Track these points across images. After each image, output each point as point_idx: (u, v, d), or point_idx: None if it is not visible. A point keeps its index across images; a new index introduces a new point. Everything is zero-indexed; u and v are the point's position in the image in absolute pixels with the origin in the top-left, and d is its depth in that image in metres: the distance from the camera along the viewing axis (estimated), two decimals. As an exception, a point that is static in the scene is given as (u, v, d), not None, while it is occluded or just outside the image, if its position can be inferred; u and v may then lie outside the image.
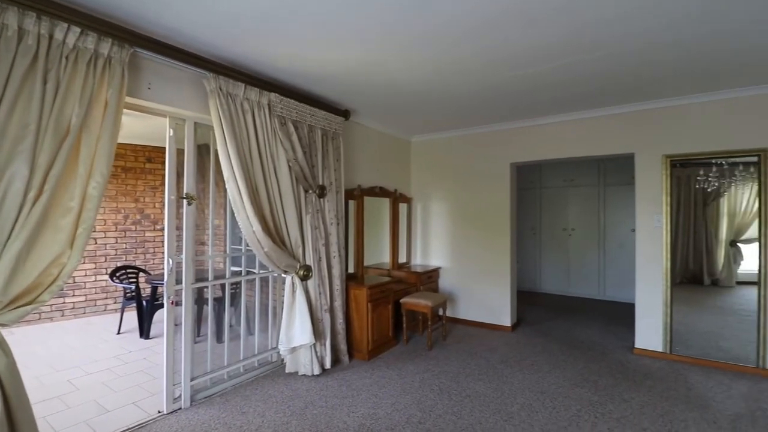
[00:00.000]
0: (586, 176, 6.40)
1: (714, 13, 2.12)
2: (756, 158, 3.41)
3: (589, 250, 6.36)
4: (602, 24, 2.22)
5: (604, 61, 2.76)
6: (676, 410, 2.70)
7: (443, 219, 5.08)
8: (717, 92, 3.44)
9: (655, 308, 3.76)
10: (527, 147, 4.49)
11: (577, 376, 3.28)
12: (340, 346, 3.54)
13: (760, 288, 3.37)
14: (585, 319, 5.02)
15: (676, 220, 4.66)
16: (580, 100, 3.68)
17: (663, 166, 3.74)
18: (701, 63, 2.80)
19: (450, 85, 3.25)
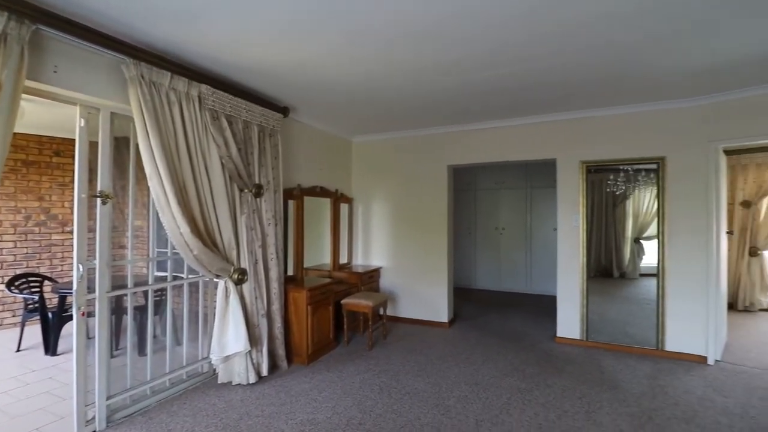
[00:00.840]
0: (516, 179, 6.85)
1: (618, 41, 2.37)
2: (655, 165, 3.88)
3: (518, 248, 6.82)
4: (522, 42, 2.38)
5: (527, 75, 2.97)
6: (592, 392, 2.99)
7: (384, 219, 5.13)
8: (624, 106, 3.86)
9: (574, 300, 4.13)
10: (463, 150, 4.69)
11: (508, 366, 3.50)
12: (278, 351, 3.42)
13: (659, 279, 3.84)
14: (515, 313, 5.37)
15: (591, 219, 5.17)
16: (510, 108, 3.92)
17: (580, 171, 4.12)
18: (610, 81, 3.13)
19: (387, 88, 3.29)
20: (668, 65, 2.83)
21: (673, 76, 3.07)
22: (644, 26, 2.25)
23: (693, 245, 3.67)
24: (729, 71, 2.94)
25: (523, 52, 2.57)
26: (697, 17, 2.15)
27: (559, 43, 2.43)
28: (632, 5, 2.03)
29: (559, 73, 2.98)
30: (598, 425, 2.52)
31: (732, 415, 2.64)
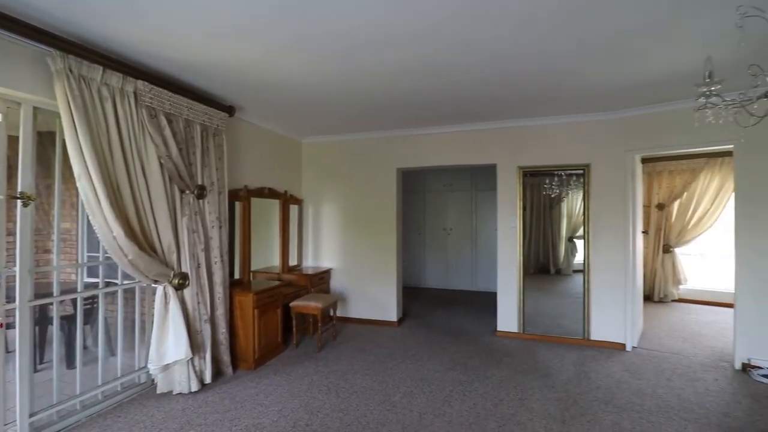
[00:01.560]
0: (462, 182, 7.17)
1: (548, 57, 2.61)
2: (582, 171, 4.26)
3: (464, 248, 7.13)
4: (452, 53, 2.55)
5: (469, 85, 3.16)
6: (526, 381, 3.23)
7: (335, 221, 5.15)
8: (555, 117, 4.20)
9: (512, 296, 4.42)
10: (412, 154, 4.84)
11: (451, 360, 3.67)
12: (222, 357, 3.33)
13: (585, 275, 4.22)
14: (461, 309, 5.62)
15: (530, 220, 5.57)
16: (453, 115, 4.12)
17: (517, 176, 4.42)
18: (542, 94, 3.41)
19: (338, 92, 3.33)
20: (592, 83, 3.14)
21: (596, 93, 3.40)
22: (569, 45, 2.49)
23: (613, 244, 4.07)
24: (643, 89, 3.31)
25: (454, 63, 2.73)
26: (612, 42, 2.42)
27: (491, 57, 2.62)
28: (552, 26, 2.25)
29: (496, 86, 3.20)
30: (529, 411, 2.74)
31: (644, 395, 2.98)
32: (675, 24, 2.19)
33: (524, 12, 2.07)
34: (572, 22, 2.19)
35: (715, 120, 1.81)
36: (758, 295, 3.37)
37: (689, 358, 3.72)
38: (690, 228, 5.90)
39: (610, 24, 2.21)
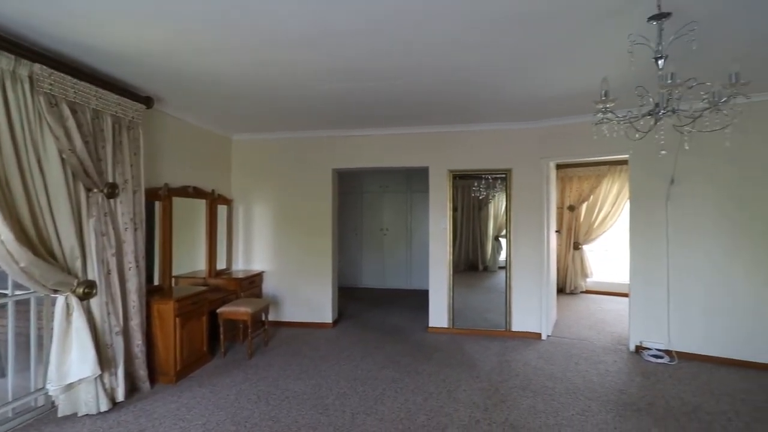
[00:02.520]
0: (398, 183, 7.33)
1: (466, 71, 2.77)
2: (505, 175, 4.59)
3: (400, 248, 7.30)
4: (374, 58, 2.62)
5: (400, 89, 3.25)
6: (454, 373, 3.40)
7: (267, 221, 4.98)
8: (482, 124, 4.48)
9: (443, 293, 4.63)
10: (348, 155, 4.84)
11: (385, 359, 3.74)
12: (138, 372, 3.05)
13: (507, 271, 4.55)
14: (396, 308, 5.75)
15: (461, 220, 5.89)
16: (386, 118, 4.20)
17: (448, 179, 4.64)
18: (470, 102, 3.62)
19: (270, 87, 3.23)
20: (510, 95, 3.40)
21: (515, 104, 3.69)
22: (486, 60, 2.67)
23: (531, 242, 4.44)
24: (553, 103, 3.66)
25: (379, 68, 2.80)
26: (522, 63, 2.65)
27: (412, 63, 2.72)
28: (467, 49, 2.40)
29: (424, 93, 3.33)
30: (456, 402, 2.89)
31: (555, 379, 3.29)
32: (577, 48, 2.46)
33: (441, 29, 2.18)
34: (486, 44, 2.35)
35: (609, 134, 2.06)
36: (647, 287, 3.90)
37: (594, 343, 4.18)
38: (595, 227, 6.64)
39: (518, 47, 2.41)
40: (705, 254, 3.65)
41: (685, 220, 3.73)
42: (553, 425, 2.58)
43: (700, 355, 3.65)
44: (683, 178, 3.72)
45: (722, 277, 3.58)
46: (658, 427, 2.54)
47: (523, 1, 1.95)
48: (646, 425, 2.57)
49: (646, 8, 1.92)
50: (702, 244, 3.67)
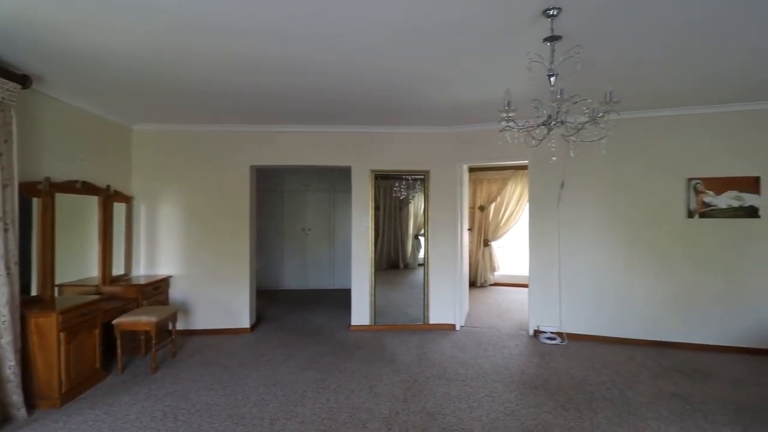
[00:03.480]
0: (321, 182, 7.25)
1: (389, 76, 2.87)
2: (423, 176, 4.81)
3: (323, 247, 7.23)
4: (284, 54, 2.60)
5: (316, 86, 3.22)
6: (375, 369, 3.48)
7: (176, 221, 4.56)
8: (402, 126, 4.64)
9: (364, 291, 4.70)
10: (268, 151, 4.65)
11: (307, 360, 3.68)
12: (10, 398, 2.59)
13: (425, 267, 4.78)
14: (318, 308, 5.68)
15: (383, 220, 6.03)
16: (307, 115, 4.13)
17: (370, 179, 4.72)
18: (390, 105, 3.73)
19: (174, 75, 2.96)
20: (427, 101, 3.58)
21: (432, 109, 3.90)
22: (405, 67, 2.79)
23: (446, 239, 4.73)
24: (465, 111, 3.94)
25: (298, 63, 2.76)
26: (436, 72, 2.81)
27: (328, 61, 2.74)
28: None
29: (345, 92, 3.36)
30: (377, 396, 2.96)
31: (467, 366, 3.54)
32: (484, 61, 2.68)
33: (356, 34, 2.23)
34: (401, 51, 2.46)
35: (511, 140, 2.29)
36: (543, 279, 4.40)
37: (500, 331, 4.60)
38: (502, 225, 7.29)
39: (432, 56, 2.56)
40: (586, 249, 4.24)
41: (572, 220, 4.29)
42: (465, 408, 2.78)
43: (585, 335, 4.23)
44: (571, 183, 4.28)
45: (598, 269, 4.20)
46: (552, 401, 2.89)
47: (427, 17, 2.08)
48: (542, 399, 2.91)
49: (542, 30, 2.16)
50: (584, 241, 4.25)
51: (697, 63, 2.81)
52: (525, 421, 2.61)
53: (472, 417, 2.67)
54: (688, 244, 3.94)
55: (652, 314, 4.03)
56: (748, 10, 2.08)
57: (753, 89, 3.39)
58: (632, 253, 4.10)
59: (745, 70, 2.94)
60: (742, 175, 3.79)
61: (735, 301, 3.81)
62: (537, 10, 2.07)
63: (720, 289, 3.85)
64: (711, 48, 2.54)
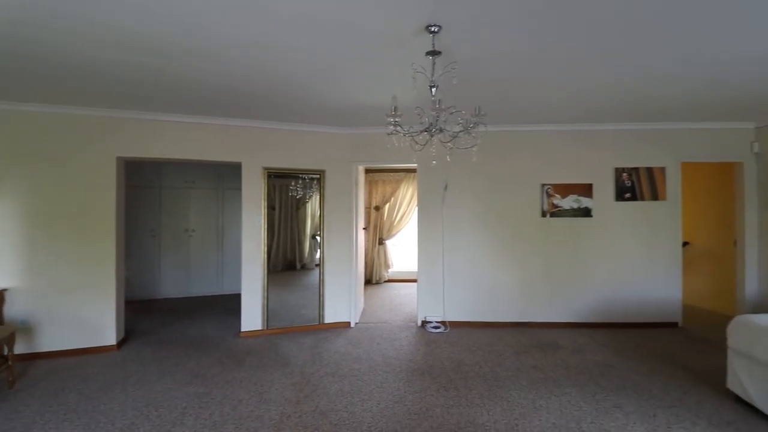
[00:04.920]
0: (207, 179, 6.67)
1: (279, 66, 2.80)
2: (319, 176, 4.79)
3: (209, 250, 6.66)
4: (173, 36, 2.40)
5: (191, 74, 2.98)
6: (266, 374, 3.35)
7: (13, 222, 3.72)
8: (299, 124, 4.55)
9: (256, 294, 4.49)
10: (141, 142, 4.09)
11: (188, 375, 3.36)
12: None
13: (321, 267, 4.77)
14: (204, 317, 5.22)
15: (279, 219, 5.80)
16: (192, 104, 3.78)
17: (262, 176, 4.52)
18: (279, 101, 3.63)
19: (24, 40, 2.43)
20: (320, 100, 3.59)
21: (327, 109, 3.91)
22: (295, 67, 2.75)
23: (342, 239, 4.81)
24: (363, 112, 4.03)
25: (168, 45, 2.53)
26: (326, 73, 2.85)
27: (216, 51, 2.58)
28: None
29: (236, 82, 3.16)
30: (268, 402, 2.86)
31: (360, 361, 3.65)
32: (374, 68, 2.80)
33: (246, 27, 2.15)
34: (294, 47, 2.44)
35: (398, 144, 2.44)
36: (429, 273, 4.77)
37: (392, 324, 4.84)
38: (395, 224, 7.67)
39: (326, 57, 2.60)
40: (466, 245, 4.74)
41: (454, 218, 4.74)
42: (357, 402, 2.86)
43: (465, 322, 4.71)
44: (453, 186, 4.72)
45: (475, 262, 4.73)
46: (435, 384, 3.16)
47: (321, 15, 2.10)
48: (427, 384, 3.15)
49: (426, 44, 2.35)
50: (464, 238, 4.74)
51: (553, 88, 3.35)
52: (411, 405, 2.80)
53: (363, 409, 2.76)
54: (542, 239, 4.68)
55: (516, 299, 4.70)
56: (591, 47, 2.55)
57: (588, 113, 4.19)
58: (502, 247, 4.72)
59: (581, 98, 3.62)
60: (580, 182, 4.66)
61: (577, 285, 4.66)
62: (421, 25, 2.24)
63: (566, 275, 4.67)
64: (559, 76, 3.06)
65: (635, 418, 2.62)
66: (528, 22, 2.20)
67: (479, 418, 2.63)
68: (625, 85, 3.27)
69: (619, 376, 3.27)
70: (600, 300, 4.66)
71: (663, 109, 4.01)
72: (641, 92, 3.45)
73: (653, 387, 3.06)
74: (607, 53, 2.63)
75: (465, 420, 2.61)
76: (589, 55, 2.66)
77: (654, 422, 2.56)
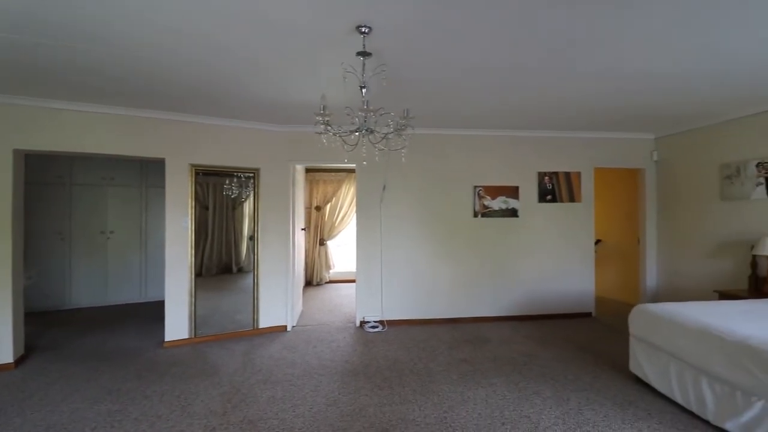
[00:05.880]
0: (128, 176, 6.12)
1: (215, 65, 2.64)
2: (253, 174, 4.60)
3: (131, 253, 6.11)
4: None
5: (101, 58, 2.74)
6: (192, 386, 3.14)
7: None
8: (230, 119, 4.33)
9: (182, 300, 4.20)
10: (44, 132, 3.63)
11: (100, 391, 3.05)
12: None
13: (254, 270, 4.59)
14: (123, 327, 4.77)
15: (213, 220, 5.47)
16: (110, 93, 3.44)
17: (189, 174, 4.24)
18: (205, 92, 3.43)
19: None
20: (254, 95, 3.45)
21: (263, 105, 3.77)
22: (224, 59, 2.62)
23: (278, 239, 4.66)
24: (300, 110, 3.93)
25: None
26: (258, 69, 2.75)
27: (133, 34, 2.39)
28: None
29: (157, 68, 2.93)
30: (191, 416, 2.68)
31: (295, 365, 3.56)
32: (307, 65, 2.75)
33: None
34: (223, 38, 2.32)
35: (327, 143, 2.41)
36: (368, 272, 4.79)
37: (330, 326, 4.79)
38: (337, 225, 7.61)
39: (258, 53, 2.50)
40: (404, 244, 4.83)
41: (391, 218, 4.81)
42: (289, 408, 2.78)
43: (403, 320, 4.80)
44: (391, 186, 4.79)
45: (413, 261, 4.84)
46: (370, 383, 3.17)
47: (241, 15, 2.02)
48: (361, 384, 3.16)
49: (357, 44, 2.34)
50: (403, 237, 4.83)
51: (482, 97, 3.52)
52: (344, 407, 2.79)
53: (294, 415, 2.69)
54: (474, 238, 4.92)
55: (449, 296, 4.88)
56: (516, 61, 2.71)
57: (515, 121, 4.46)
58: (438, 246, 4.87)
59: (509, 107, 3.84)
60: (508, 184, 4.96)
61: (505, 281, 4.95)
62: (351, 25, 2.23)
63: (494, 271, 4.94)
64: (487, 86, 3.22)
65: (551, 403, 2.84)
66: (459, 32, 2.29)
67: (410, 414, 2.69)
68: (548, 96, 3.53)
69: (540, 365, 3.52)
70: (525, 294, 4.99)
71: (579, 119, 4.39)
72: (563, 102, 3.75)
73: (568, 373, 3.34)
74: (531, 66, 2.81)
75: (397, 417, 2.65)
76: (514, 68, 2.83)
77: (567, 405, 2.79)
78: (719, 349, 2.43)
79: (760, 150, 3.90)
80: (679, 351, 2.72)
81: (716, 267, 4.33)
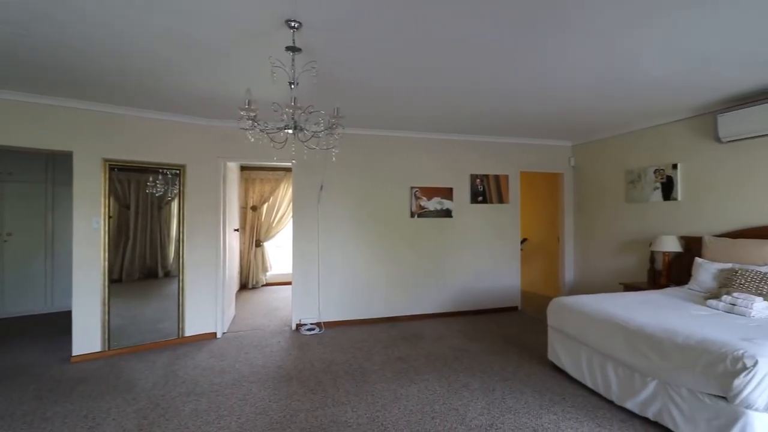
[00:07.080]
0: (31, 171, 5.41)
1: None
2: (178, 171, 4.29)
3: (33, 258, 5.41)
4: None
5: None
6: (102, 404, 2.84)
7: None
8: (152, 111, 3.99)
9: (94, 310, 3.80)
10: None
11: None
12: None
13: (179, 274, 4.29)
14: (23, 342, 4.20)
15: (136, 220, 5.00)
16: (6, 74, 3.01)
17: (102, 169, 3.84)
18: (130, 83, 3.14)
19: None
20: (181, 87, 3.21)
21: (191, 98, 3.52)
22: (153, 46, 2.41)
23: (207, 241, 4.39)
24: (231, 104, 3.72)
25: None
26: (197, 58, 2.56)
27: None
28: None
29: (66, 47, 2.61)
30: (99, 437, 2.42)
31: (224, 374, 3.37)
32: (234, 59, 2.62)
33: None
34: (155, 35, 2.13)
35: (253, 140, 2.31)
36: (305, 274, 4.68)
37: (265, 330, 4.61)
38: (274, 225, 7.36)
39: (186, 41, 2.33)
40: (342, 244, 4.80)
41: (329, 219, 4.75)
42: (214, 420, 2.62)
43: (340, 321, 4.76)
44: (329, 185, 4.73)
45: (351, 261, 4.82)
46: (303, 388, 3.10)
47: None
48: (294, 389, 3.07)
49: (287, 38, 2.27)
50: (341, 237, 4.79)
51: (415, 99, 3.59)
52: (274, 415, 2.69)
53: (219, 427, 2.54)
54: (411, 237, 5.02)
55: (387, 295, 4.94)
56: (447, 64, 2.79)
57: (447, 125, 4.62)
58: (375, 246, 4.90)
59: (442, 111, 3.96)
60: (443, 186, 5.14)
61: (438, 278, 5.12)
62: (281, 18, 2.16)
63: (429, 270, 5.09)
64: (417, 89, 3.28)
65: (479, 394, 2.98)
66: (391, 33, 2.30)
67: (343, 416, 2.67)
68: (476, 103, 3.70)
69: (470, 358, 3.68)
70: (459, 291, 5.20)
71: (507, 125, 4.67)
72: (492, 110, 3.95)
73: (495, 365, 3.53)
74: (460, 71, 2.92)
75: (329, 420, 2.61)
76: (444, 73, 2.92)
77: (493, 396, 2.95)
78: (621, 336, 2.70)
79: (658, 158, 4.42)
80: (588, 339, 2.99)
81: (622, 262, 4.84)
